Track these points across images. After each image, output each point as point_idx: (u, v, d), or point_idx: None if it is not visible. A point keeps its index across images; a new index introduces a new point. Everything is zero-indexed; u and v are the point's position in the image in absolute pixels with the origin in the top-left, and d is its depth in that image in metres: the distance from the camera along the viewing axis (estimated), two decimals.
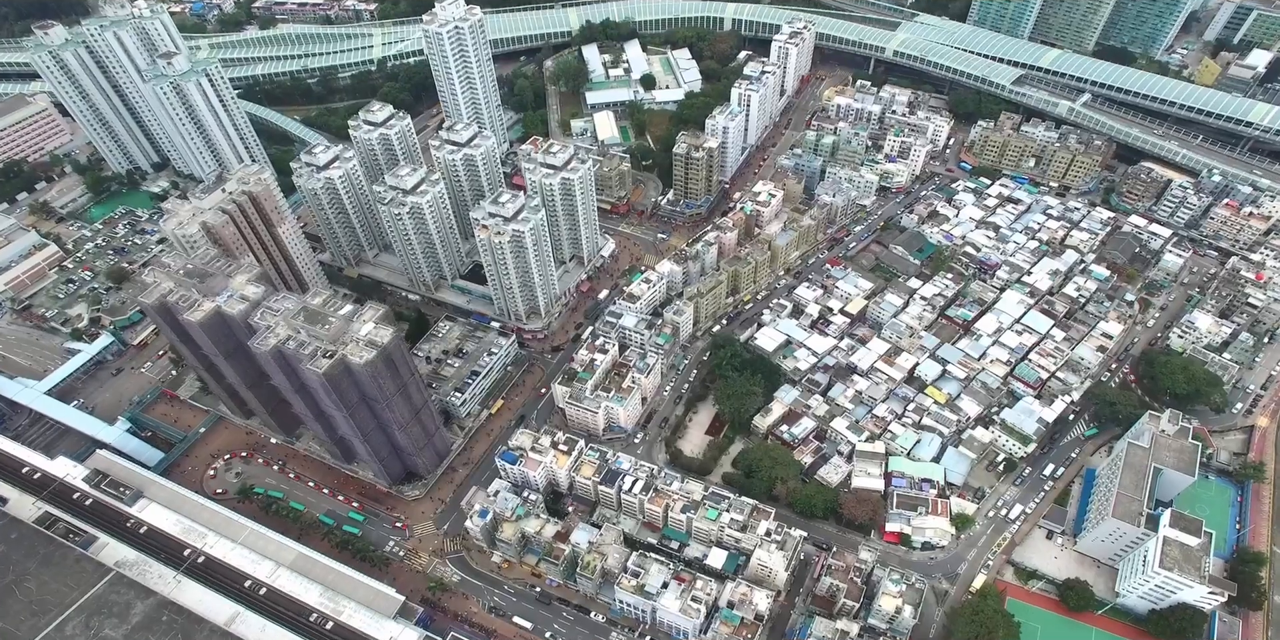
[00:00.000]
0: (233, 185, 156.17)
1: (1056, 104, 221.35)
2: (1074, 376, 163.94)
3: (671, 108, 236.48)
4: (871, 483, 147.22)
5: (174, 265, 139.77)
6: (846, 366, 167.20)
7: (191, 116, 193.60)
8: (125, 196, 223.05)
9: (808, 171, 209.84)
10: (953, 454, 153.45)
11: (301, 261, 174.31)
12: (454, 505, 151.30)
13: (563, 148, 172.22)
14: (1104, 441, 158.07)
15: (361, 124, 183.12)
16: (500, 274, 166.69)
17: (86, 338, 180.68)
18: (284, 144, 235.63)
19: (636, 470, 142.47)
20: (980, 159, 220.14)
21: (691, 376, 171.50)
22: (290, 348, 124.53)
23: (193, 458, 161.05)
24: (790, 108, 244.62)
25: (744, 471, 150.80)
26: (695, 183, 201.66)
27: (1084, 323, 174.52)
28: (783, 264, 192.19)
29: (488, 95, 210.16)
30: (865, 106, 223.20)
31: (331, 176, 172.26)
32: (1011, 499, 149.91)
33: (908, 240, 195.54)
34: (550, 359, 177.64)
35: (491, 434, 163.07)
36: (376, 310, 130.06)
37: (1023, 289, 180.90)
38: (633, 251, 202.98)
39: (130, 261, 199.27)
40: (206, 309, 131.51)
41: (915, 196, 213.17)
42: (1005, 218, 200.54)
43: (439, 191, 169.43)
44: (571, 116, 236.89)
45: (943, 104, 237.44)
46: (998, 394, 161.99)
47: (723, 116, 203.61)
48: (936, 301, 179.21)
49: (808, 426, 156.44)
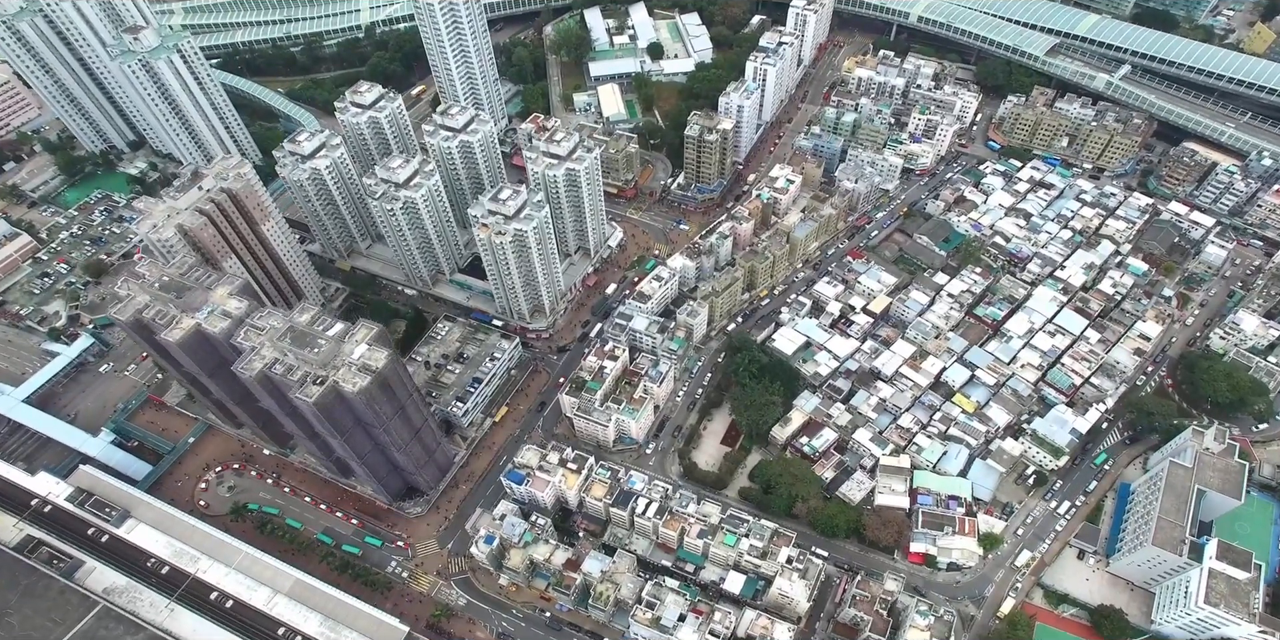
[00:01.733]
0: (210, 182, 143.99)
1: (1093, 77, 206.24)
2: (1109, 382, 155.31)
3: (681, 80, 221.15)
4: (896, 500, 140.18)
5: (149, 275, 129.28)
6: (869, 371, 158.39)
7: (165, 97, 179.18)
8: (101, 179, 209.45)
9: (827, 153, 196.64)
10: (980, 467, 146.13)
11: (290, 259, 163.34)
12: (458, 522, 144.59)
13: (567, 135, 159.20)
14: (1139, 452, 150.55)
15: (349, 106, 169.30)
16: (502, 274, 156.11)
17: (65, 338, 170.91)
18: (267, 120, 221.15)
19: (650, 490, 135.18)
20: (1010, 138, 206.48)
21: (706, 380, 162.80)
22: (277, 372, 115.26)
23: (182, 470, 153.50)
24: (807, 79, 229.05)
25: (762, 487, 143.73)
26: (708, 166, 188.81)
27: (1120, 322, 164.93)
28: (801, 256, 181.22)
29: (484, 68, 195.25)
30: (888, 80, 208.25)
31: (318, 167, 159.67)
32: (1041, 515, 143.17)
33: (933, 229, 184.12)
34: (556, 360, 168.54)
35: (495, 444, 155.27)
36: (369, 329, 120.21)
37: (1055, 285, 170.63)
38: (641, 240, 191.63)
39: (108, 252, 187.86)
40: (185, 327, 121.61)
41: (940, 179, 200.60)
42: (1036, 204, 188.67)
43: (434, 184, 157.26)
44: (574, 90, 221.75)
45: (970, 76, 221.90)
46: (1028, 402, 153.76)
47: (737, 94, 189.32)
48: (964, 299, 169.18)
49: (828, 438, 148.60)
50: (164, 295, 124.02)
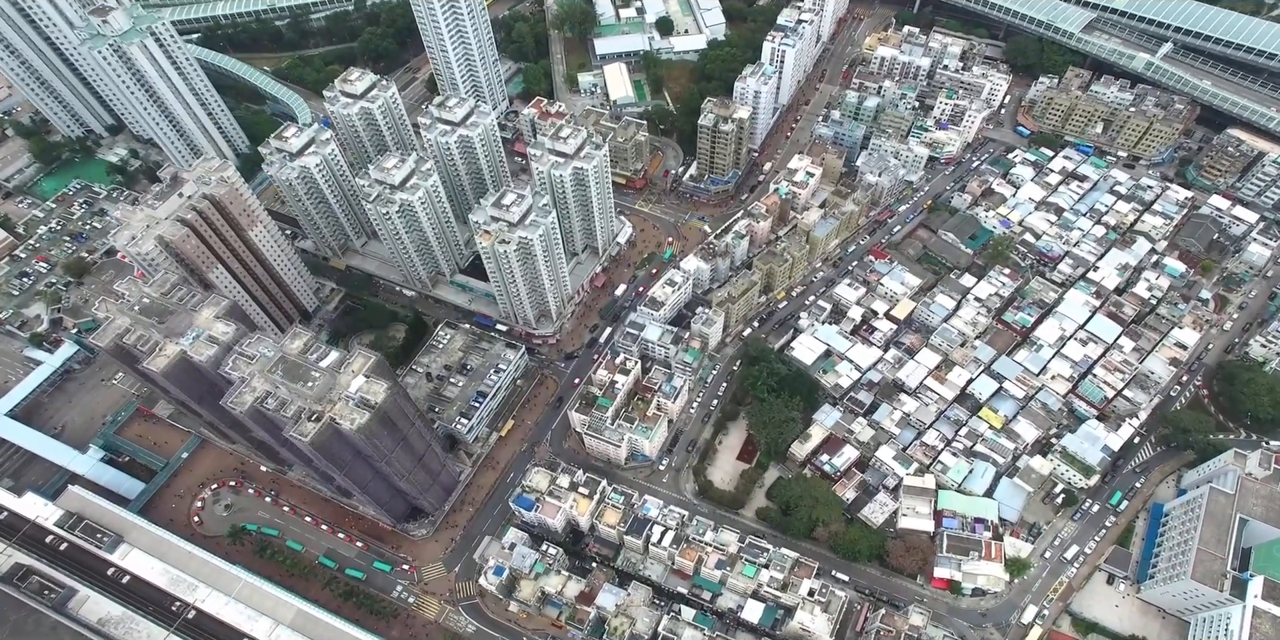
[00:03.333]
0: (190, 187, 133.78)
1: (1132, 57, 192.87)
2: (1142, 394, 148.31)
3: (692, 58, 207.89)
4: (920, 523, 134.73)
5: (129, 294, 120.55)
6: (892, 383, 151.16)
7: (141, 83, 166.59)
8: (79, 167, 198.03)
9: (848, 142, 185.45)
10: (1007, 485, 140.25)
11: (281, 264, 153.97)
12: (464, 544, 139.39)
13: (574, 130, 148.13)
14: (1172, 469, 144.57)
15: (339, 96, 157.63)
16: (505, 282, 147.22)
17: (48, 344, 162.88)
18: (254, 101, 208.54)
19: (665, 517, 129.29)
20: (1040, 123, 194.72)
21: (721, 390, 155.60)
22: (270, 407, 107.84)
23: (176, 487, 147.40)
24: (825, 56, 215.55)
25: (781, 507, 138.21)
26: (723, 157, 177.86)
27: (1155, 329, 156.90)
28: (821, 254, 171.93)
29: (482, 48, 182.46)
30: (913, 60, 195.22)
31: (307, 165, 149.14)
32: (1069, 537, 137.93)
33: (959, 225, 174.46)
34: (563, 368, 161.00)
35: (502, 460, 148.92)
36: (366, 358, 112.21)
37: (1088, 288, 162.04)
38: (652, 235, 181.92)
39: (90, 249, 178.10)
40: (170, 354, 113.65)
41: (967, 169, 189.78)
42: (1068, 198, 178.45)
43: (432, 185, 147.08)
44: (579, 68, 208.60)
45: (999, 54, 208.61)
46: (1058, 416, 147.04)
47: (754, 79, 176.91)
48: (992, 303, 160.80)
49: (849, 457, 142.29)
50: (145, 320, 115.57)
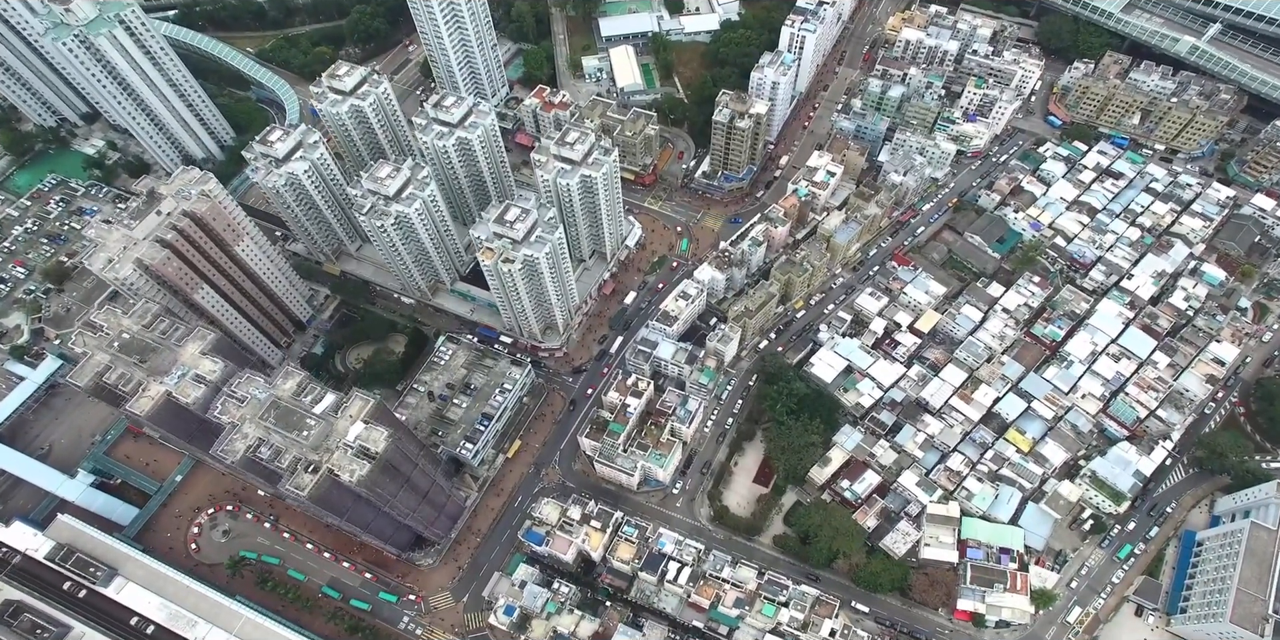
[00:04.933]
0: (169, 204, 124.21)
1: (1176, 39, 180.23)
2: (1176, 414, 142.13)
3: (704, 39, 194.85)
4: (943, 554, 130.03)
5: (108, 327, 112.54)
6: (916, 402, 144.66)
7: (112, 76, 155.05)
8: (54, 159, 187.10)
9: (870, 136, 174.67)
10: (1033, 511, 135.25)
11: (271, 277, 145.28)
12: (472, 572, 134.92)
13: (581, 136, 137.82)
14: (1205, 493, 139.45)
15: (326, 92, 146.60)
16: (510, 299, 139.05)
17: (30, 358, 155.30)
18: (237, 86, 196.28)
19: (681, 551, 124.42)
20: (1073, 113, 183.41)
21: (736, 407, 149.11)
22: (264, 456, 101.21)
23: (171, 511, 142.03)
24: (845, 36, 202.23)
25: (799, 536, 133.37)
26: (738, 154, 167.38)
27: (1191, 342, 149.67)
28: (841, 260, 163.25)
29: (479, 31, 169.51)
30: (939, 44, 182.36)
31: (295, 171, 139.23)
32: (1097, 565, 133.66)
33: (986, 227, 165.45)
34: (571, 382, 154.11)
35: (509, 483, 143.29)
36: (364, 401, 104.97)
37: (1121, 298, 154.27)
38: (663, 235, 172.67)
39: (70, 253, 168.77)
40: (154, 395, 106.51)
41: (994, 163, 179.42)
42: (1101, 196, 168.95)
43: (430, 195, 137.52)
44: (583, 51, 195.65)
45: (1031, 35, 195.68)
46: (1088, 438, 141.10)
47: (772, 69, 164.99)
48: (1020, 314, 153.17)
49: (871, 483, 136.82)
50: (126, 358, 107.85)
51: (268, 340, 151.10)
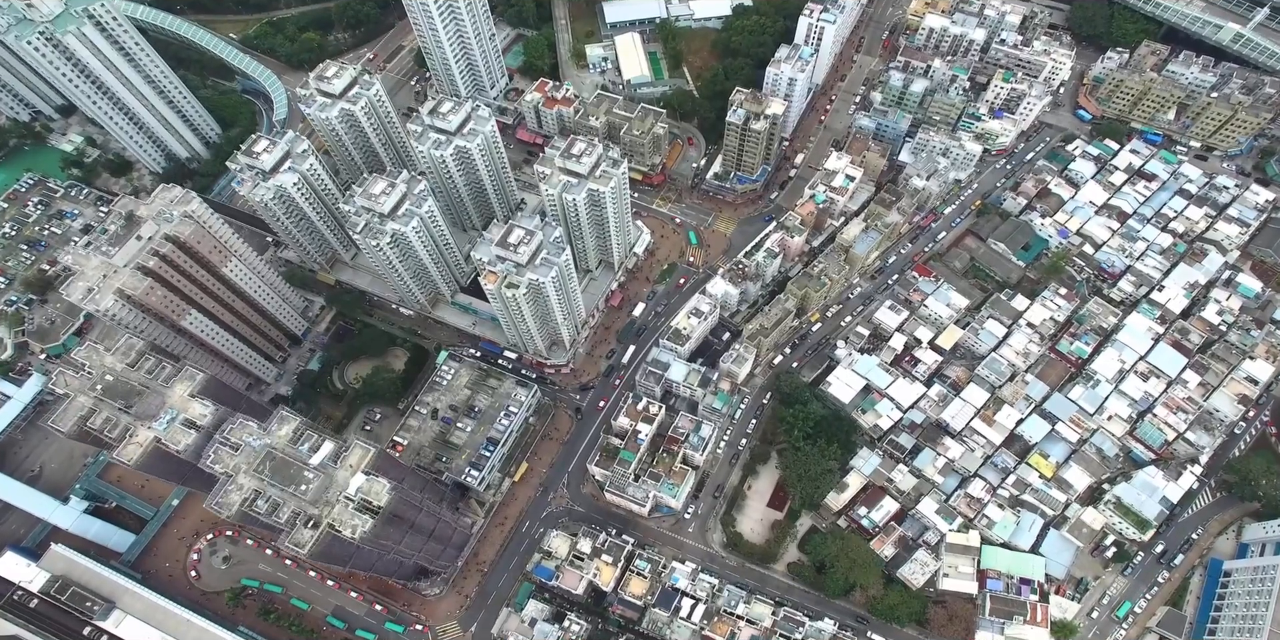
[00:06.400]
0: (149, 227, 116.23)
1: (1220, 26, 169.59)
2: (1206, 436, 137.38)
3: (715, 25, 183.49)
4: (962, 584, 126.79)
5: (90, 366, 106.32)
6: (936, 424, 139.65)
7: (84, 75, 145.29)
8: (30, 156, 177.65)
9: (891, 134, 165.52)
10: (1055, 539, 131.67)
11: (264, 295, 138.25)
12: (480, 600, 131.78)
13: (589, 147, 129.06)
14: (1233, 519, 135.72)
15: (315, 95, 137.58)
16: (515, 320, 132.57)
17: (15, 375, 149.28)
18: (221, 75, 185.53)
19: (695, 587, 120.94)
20: (1105, 107, 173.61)
21: (750, 427, 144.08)
22: (261, 510, 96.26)
23: (169, 535, 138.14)
24: (864, 21, 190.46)
25: (815, 564, 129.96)
26: (752, 156, 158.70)
27: (1223, 360, 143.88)
28: (860, 270, 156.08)
29: (477, 24, 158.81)
30: (965, 32, 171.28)
31: (284, 184, 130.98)
32: (1119, 593, 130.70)
33: (1010, 233, 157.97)
34: (578, 399, 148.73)
35: (516, 507, 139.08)
36: (365, 450, 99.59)
37: (1151, 312, 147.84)
38: (672, 240, 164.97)
39: (51, 261, 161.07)
40: (142, 441, 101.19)
41: (1020, 161, 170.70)
42: (1132, 200, 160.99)
43: (427, 211, 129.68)
44: (586, 38, 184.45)
45: (1062, 20, 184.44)
46: (1114, 463, 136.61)
47: (789, 65, 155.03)
48: (1046, 328, 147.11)
49: (889, 510, 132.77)
50: (111, 403, 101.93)
51: (261, 357, 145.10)
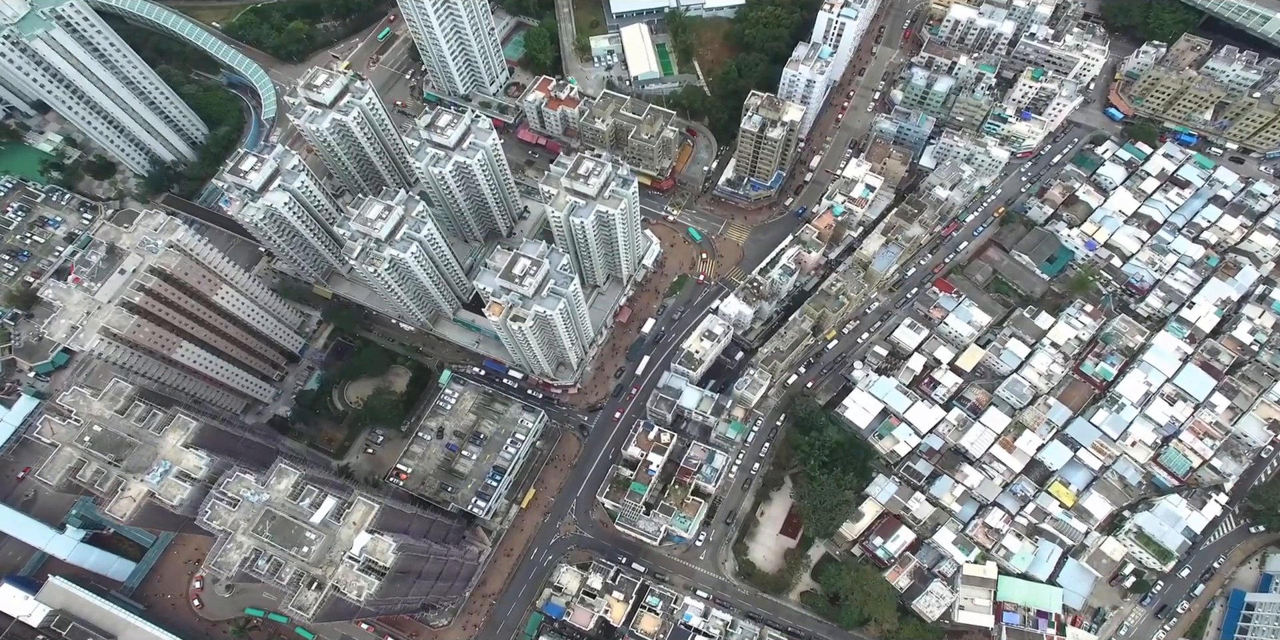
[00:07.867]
0: (133, 260, 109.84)
1: (1266, 18, 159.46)
2: (1232, 463, 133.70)
3: (727, 15, 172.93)
4: (979, 618, 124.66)
5: (78, 414, 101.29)
6: (954, 450, 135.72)
7: (57, 80, 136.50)
8: (7, 157, 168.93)
9: (913, 138, 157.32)
10: (1073, 568, 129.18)
11: (258, 319, 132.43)
12: (489, 631, 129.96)
13: (597, 166, 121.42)
14: (1256, 548, 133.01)
15: (304, 104, 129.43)
16: (521, 348, 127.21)
17: (3, 395, 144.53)
18: (205, 68, 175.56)
19: (708, 625, 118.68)
20: (1138, 106, 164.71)
21: (763, 451, 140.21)
22: (262, 569, 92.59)
23: (170, 561, 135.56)
24: (883, 9, 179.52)
25: (828, 594, 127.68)
26: (767, 163, 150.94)
27: (1254, 382, 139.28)
28: (878, 284, 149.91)
29: (475, 19, 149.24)
30: (993, 25, 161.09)
31: (274, 203, 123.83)
32: (1136, 625, 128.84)
33: (1034, 244, 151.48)
34: (586, 420, 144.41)
35: (524, 535, 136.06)
36: (368, 507, 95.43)
37: (1180, 330, 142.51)
38: (683, 250, 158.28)
39: (35, 272, 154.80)
40: (134, 496, 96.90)
41: (1045, 165, 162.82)
42: (1164, 208, 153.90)
43: (427, 234, 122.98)
44: (591, 29, 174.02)
45: (1095, 8, 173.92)
46: (1136, 491, 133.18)
47: (808, 66, 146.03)
48: (1070, 348, 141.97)
49: (905, 540, 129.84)
50: (100, 456, 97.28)
51: (258, 378, 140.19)
